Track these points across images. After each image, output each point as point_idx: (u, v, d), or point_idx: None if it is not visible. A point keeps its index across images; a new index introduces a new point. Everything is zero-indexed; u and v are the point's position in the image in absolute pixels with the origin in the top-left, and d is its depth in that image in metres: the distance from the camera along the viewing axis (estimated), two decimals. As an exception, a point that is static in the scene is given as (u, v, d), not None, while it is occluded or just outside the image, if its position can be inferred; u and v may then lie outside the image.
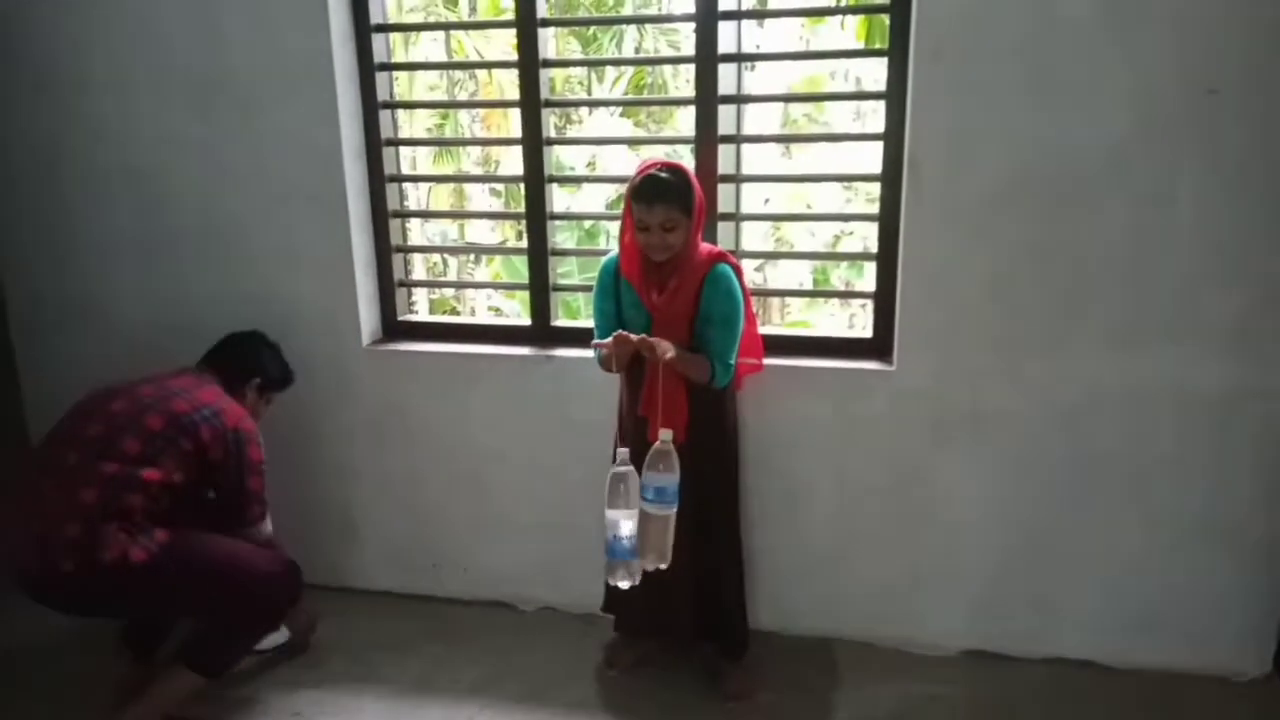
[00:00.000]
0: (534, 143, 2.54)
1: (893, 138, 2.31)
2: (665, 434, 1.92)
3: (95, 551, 1.97)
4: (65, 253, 2.79)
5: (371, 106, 2.59)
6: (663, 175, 2.04)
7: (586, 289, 2.42)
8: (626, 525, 1.97)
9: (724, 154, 2.45)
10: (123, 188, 2.70)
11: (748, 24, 2.42)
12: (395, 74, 2.73)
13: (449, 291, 8.53)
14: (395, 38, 2.72)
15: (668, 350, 1.99)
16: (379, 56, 2.58)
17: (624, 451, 1.94)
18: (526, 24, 2.46)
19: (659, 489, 1.91)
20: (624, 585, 1.99)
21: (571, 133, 7.15)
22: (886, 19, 2.35)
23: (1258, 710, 2.29)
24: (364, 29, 2.54)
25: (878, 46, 3.26)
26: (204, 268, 2.71)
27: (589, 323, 2.35)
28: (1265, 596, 2.34)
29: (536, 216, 2.59)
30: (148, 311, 2.78)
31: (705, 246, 2.18)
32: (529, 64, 2.48)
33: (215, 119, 2.58)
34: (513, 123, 2.61)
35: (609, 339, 2.03)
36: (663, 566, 1.97)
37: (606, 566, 1.98)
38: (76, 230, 2.77)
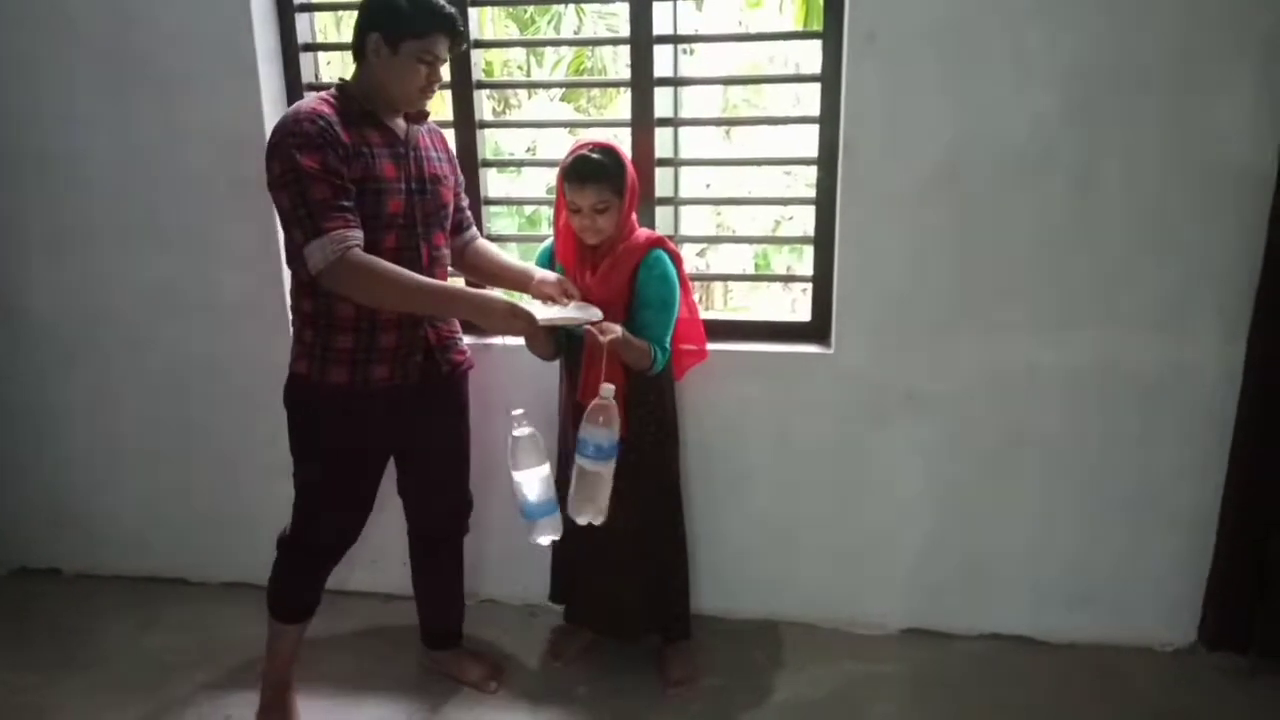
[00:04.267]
0: (467, 125, 2.48)
1: (828, 121, 2.31)
2: (606, 389, 1.87)
3: None
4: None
5: (297, 88, 2.50)
6: (594, 156, 2.00)
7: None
8: (536, 485, 1.95)
9: (662, 138, 2.42)
10: (31, 174, 2.56)
11: (685, 7, 2.40)
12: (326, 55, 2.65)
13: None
14: (325, 18, 2.63)
15: (613, 330, 1.96)
16: (303, 37, 2.49)
17: (519, 412, 1.93)
18: (458, 3, 2.40)
19: (597, 445, 1.88)
20: (545, 541, 1.99)
21: (511, 117, 7.11)
22: (822, 1, 2.34)
23: (1184, 679, 2.36)
24: (286, 7, 2.45)
25: (814, 29, 3.27)
26: (121, 257, 2.60)
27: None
28: (1190, 569, 2.41)
29: (472, 201, 2.53)
30: (63, 305, 2.66)
31: (644, 231, 2.15)
32: (460, 45, 2.42)
33: (130, 100, 2.47)
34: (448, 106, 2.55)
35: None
36: (597, 522, 1.96)
37: (527, 529, 1.98)
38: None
